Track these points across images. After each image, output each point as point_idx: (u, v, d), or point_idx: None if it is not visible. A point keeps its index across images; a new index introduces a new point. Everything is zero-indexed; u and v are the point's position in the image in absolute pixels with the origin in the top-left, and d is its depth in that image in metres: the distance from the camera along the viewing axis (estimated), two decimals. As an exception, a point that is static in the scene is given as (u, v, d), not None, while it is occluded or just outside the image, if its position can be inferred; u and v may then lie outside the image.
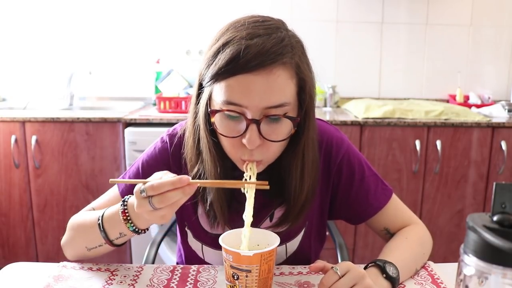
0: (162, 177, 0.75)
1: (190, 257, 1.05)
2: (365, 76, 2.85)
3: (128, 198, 0.83)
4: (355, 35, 2.79)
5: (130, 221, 0.81)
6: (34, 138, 2.25)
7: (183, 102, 2.40)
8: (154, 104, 2.67)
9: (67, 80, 2.69)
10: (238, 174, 0.86)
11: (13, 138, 2.25)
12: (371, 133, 2.29)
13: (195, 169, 0.90)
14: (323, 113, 2.53)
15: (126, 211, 0.82)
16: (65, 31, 2.77)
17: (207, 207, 0.91)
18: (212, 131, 0.84)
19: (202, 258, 1.02)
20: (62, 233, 1.00)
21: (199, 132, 0.87)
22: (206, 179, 0.88)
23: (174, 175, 0.74)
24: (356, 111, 2.42)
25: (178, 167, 0.96)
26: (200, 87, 0.85)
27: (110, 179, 0.83)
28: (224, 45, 0.77)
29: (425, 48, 2.82)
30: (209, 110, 0.81)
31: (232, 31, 0.79)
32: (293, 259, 1.00)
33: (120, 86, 2.84)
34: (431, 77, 2.86)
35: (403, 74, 2.86)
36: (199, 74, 0.84)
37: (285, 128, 0.81)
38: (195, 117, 0.87)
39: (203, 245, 1.00)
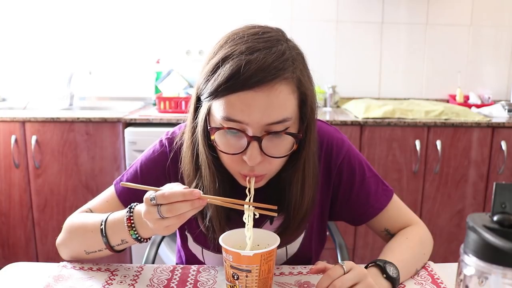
0: (174, 187, 0.74)
1: (190, 261, 1.05)
2: (365, 76, 2.84)
3: (134, 206, 0.83)
4: (355, 35, 2.79)
5: (134, 229, 0.81)
6: (34, 138, 2.25)
7: (183, 102, 2.40)
8: (154, 104, 2.67)
9: (67, 80, 2.69)
10: (237, 189, 0.85)
11: (13, 138, 2.25)
12: (371, 133, 2.29)
13: (193, 184, 0.88)
14: (323, 113, 2.52)
15: (131, 218, 0.81)
16: (65, 31, 2.77)
17: (206, 223, 0.90)
18: (211, 146, 0.83)
19: (202, 261, 1.02)
20: (61, 233, 0.99)
21: (198, 147, 0.85)
22: (206, 194, 0.86)
23: (186, 186, 0.74)
24: (356, 111, 2.42)
25: (176, 173, 0.94)
26: (198, 100, 0.83)
27: (121, 182, 0.83)
28: (223, 60, 0.75)
29: (425, 48, 2.82)
30: (208, 127, 0.80)
31: (231, 44, 0.77)
32: (293, 261, 1.00)
33: (120, 86, 2.84)
34: (431, 77, 2.86)
35: (403, 74, 2.86)
36: (197, 88, 0.82)
37: (287, 143, 0.80)
38: (193, 133, 0.85)
39: (203, 249, 1.00)
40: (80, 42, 2.79)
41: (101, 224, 0.85)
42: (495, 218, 0.50)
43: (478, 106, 2.64)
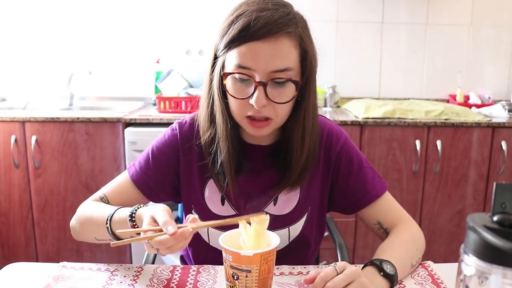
0: (162, 214, 0.77)
1: (194, 244, 1.05)
2: (365, 76, 2.84)
3: (135, 210, 0.85)
4: (355, 35, 2.79)
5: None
6: (34, 138, 2.25)
7: (183, 102, 2.40)
8: (154, 104, 2.67)
9: (67, 80, 2.69)
10: (246, 134, 0.98)
11: (13, 138, 2.25)
12: (371, 133, 2.29)
13: (208, 133, 0.97)
14: (323, 113, 2.52)
15: (135, 225, 0.85)
16: (65, 31, 2.77)
17: (217, 168, 0.96)
18: (224, 94, 0.92)
19: (208, 242, 1.03)
20: (62, 233, 1.00)
21: (213, 97, 0.95)
22: (218, 140, 0.95)
23: (175, 224, 0.75)
24: (356, 111, 2.42)
25: (186, 151, 1.01)
26: (215, 58, 0.93)
27: (112, 243, 0.78)
28: (237, 17, 0.87)
29: (425, 48, 2.82)
30: (222, 73, 0.90)
31: (245, 6, 0.89)
32: (295, 245, 1.03)
33: (120, 86, 2.84)
34: (431, 77, 2.86)
35: (403, 74, 2.86)
36: (214, 45, 0.92)
37: (289, 91, 0.89)
38: (210, 83, 0.95)
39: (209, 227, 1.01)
40: (80, 42, 2.79)
41: (107, 223, 0.89)
42: (495, 218, 0.50)
43: (478, 106, 2.64)
